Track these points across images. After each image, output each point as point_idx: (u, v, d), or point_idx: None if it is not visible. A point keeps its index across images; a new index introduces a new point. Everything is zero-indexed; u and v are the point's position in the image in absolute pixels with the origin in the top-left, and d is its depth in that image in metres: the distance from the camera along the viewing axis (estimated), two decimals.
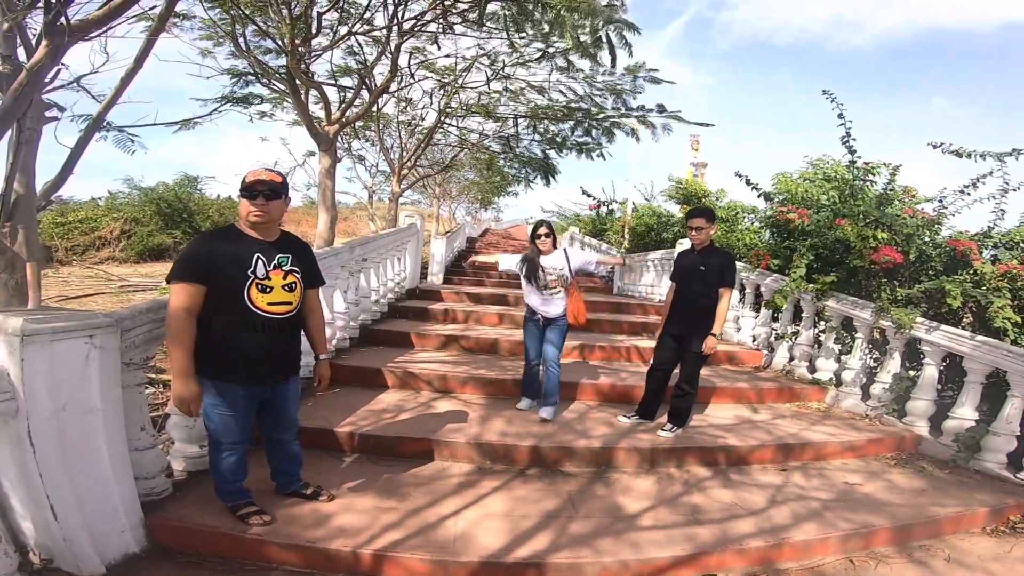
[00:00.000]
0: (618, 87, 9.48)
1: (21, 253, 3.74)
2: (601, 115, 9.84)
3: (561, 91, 9.65)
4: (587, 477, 3.49)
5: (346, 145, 13.98)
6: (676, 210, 12.00)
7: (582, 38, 5.33)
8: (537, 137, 11.73)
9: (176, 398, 2.37)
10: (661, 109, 9.70)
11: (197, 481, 3.04)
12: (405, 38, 7.45)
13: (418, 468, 3.42)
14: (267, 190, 2.43)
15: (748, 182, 6.90)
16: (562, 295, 4.24)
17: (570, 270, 4.26)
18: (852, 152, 5.80)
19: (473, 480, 3.31)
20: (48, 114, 3.90)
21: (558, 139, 11.16)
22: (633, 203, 13.83)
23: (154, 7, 3.53)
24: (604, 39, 5.30)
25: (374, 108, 10.01)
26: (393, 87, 9.50)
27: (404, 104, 11.97)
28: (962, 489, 3.64)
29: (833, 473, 3.82)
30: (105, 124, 4.10)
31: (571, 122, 10.36)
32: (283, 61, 7.02)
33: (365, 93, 8.62)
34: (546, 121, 10.67)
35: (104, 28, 3.29)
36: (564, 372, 4.41)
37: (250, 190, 2.42)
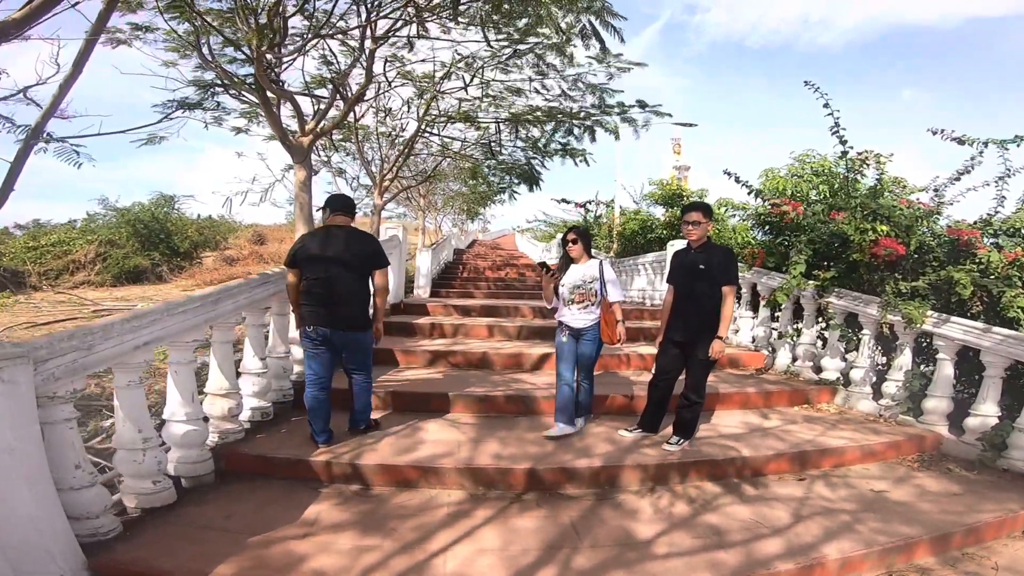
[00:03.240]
0: (596, 84, 9.26)
1: None
2: (582, 113, 9.61)
3: (538, 89, 9.40)
4: (590, 500, 3.18)
5: (325, 158, 13.62)
6: (659, 213, 11.85)
7: (564, 28, 5.12)
8: (520, 144, 11.51)
9: None
10: (643, 105, 9.54)
11: (151, 518, 2.74)
12: (379, 43, 7.19)
13: (403, 498, 3.09)
14: None
15: (738, 180, 6.69)
16: (591, 308, 3.89)
17: (602, 284, 3.91)
18: (843, 142, 5.58)
19: (465, 510, 2.98)
20: None
21: (540, 143, 10.92)
22: (620, 207, 13.63)
23: (76, 2, 3.21)
24: (589, 28, 5.07)
25: (351, 118, 9.71)
26: (369, 95, 9.20)
27: (383, 115, 11.68)
28: (996, 491, 3.41)
29: (856, 480, 3.57)
30: (45, 135, 3.75)
31: (552, 123, 10.11)
32: (252, 70, 6.70)
33: (341, 103, 8.31)
34: (528, 125, 10.42)
35: (25, 29, 2.96)
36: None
37: None
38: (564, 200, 14.60)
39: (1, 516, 1.93)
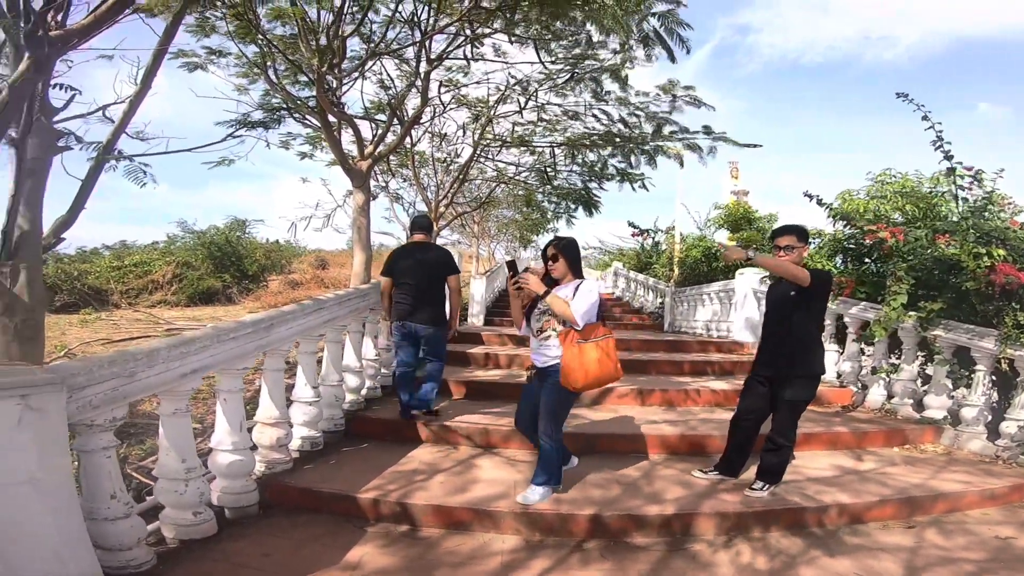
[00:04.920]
0: (658, 114, 8.92)
1: (22, 295, 3.41)
2: (641, 139, 9.28)
3: (595, 115, 9.16)
4: (661, 550, 2.81)
5: (383, 184, 13.88)
6: (723, 238, 11.28)
7: (631, 40, 4.90)
8: (576, 168, 11.29)
9: None
10: (708, 131, 9.10)
11: (189, 551, 2.58)
12: (434, 65, 7.22)
13: (454, 543, 2.81)
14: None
15: (820, 202, 6.18)
16: (551, 342, 3.10)
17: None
18: (949, 157, 5.00)
19: (520, 559, 2.67)
20: (60, 143, 3.62)
21: (597, 167, 10.63)
22: (681, 233, 13.08)
23: (137, 9, 3.26)
24: (653, 36, 4.83)
25: (407, 142, 9.81)
26: (425, 118, 9.27)
27: (439, 140, 11.79)
28: None
29: (976, 526, 3.10)
30: (116, 153, 3.83)
31: (610, 148, 9.82)
32: (314, 93, 6.87)
33: (399, 127, 8.40)
34: (584, 150, 10.19)
35: (89, 37, 2.99)
36: (620, 423, 3.55)
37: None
38: (632, 224, 14.74)
39: (23, 548, 1.78)
